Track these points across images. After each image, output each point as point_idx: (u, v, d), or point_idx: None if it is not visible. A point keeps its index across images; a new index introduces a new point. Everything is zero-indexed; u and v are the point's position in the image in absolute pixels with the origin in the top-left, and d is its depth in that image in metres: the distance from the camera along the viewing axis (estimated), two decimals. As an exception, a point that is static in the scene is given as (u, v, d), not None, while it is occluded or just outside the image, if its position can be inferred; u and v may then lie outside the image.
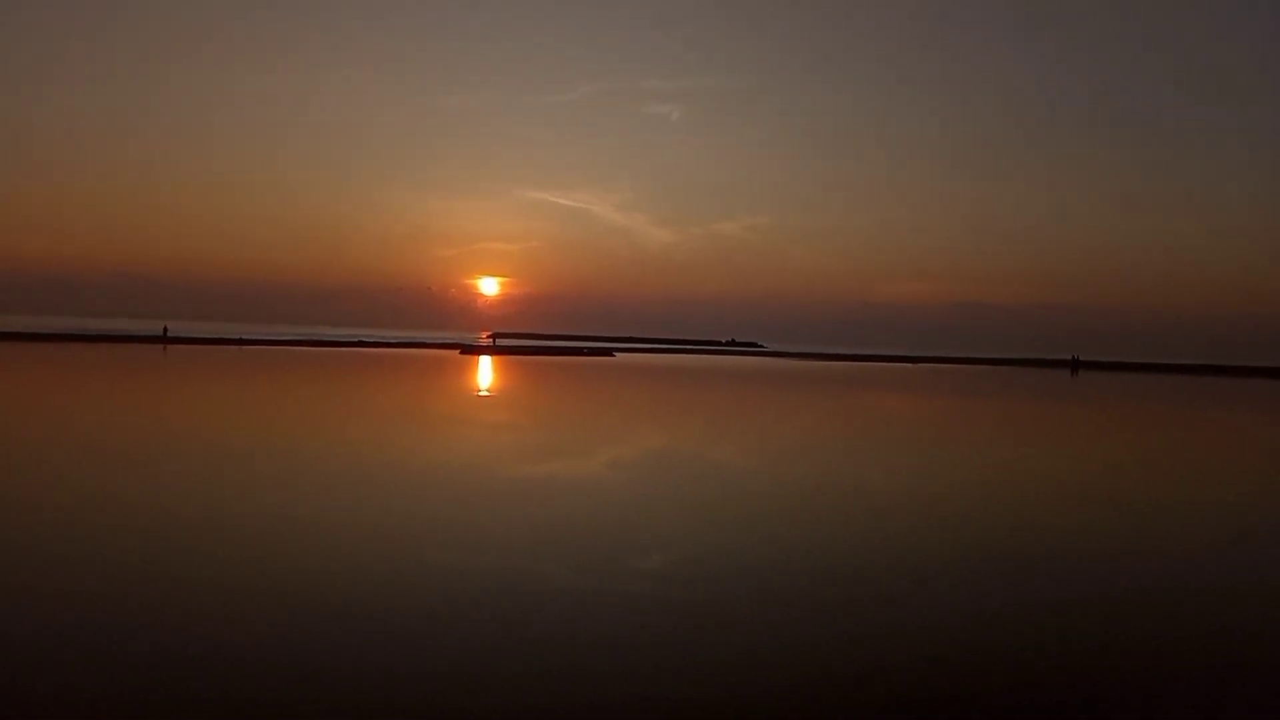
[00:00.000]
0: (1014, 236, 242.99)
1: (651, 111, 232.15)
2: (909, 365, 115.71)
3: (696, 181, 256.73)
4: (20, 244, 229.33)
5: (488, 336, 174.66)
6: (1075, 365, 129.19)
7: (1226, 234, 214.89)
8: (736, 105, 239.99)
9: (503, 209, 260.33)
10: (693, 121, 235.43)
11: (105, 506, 13.14)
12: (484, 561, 10.68)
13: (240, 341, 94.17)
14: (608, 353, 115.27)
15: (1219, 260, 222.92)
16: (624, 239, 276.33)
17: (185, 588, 9.21)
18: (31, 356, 55.78)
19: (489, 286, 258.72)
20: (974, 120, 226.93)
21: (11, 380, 39.00)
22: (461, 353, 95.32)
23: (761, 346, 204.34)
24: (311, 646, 7.62)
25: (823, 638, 8.35)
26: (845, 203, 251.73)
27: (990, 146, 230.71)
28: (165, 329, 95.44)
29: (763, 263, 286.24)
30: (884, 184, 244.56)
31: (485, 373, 60.47)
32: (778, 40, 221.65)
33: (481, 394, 42.25)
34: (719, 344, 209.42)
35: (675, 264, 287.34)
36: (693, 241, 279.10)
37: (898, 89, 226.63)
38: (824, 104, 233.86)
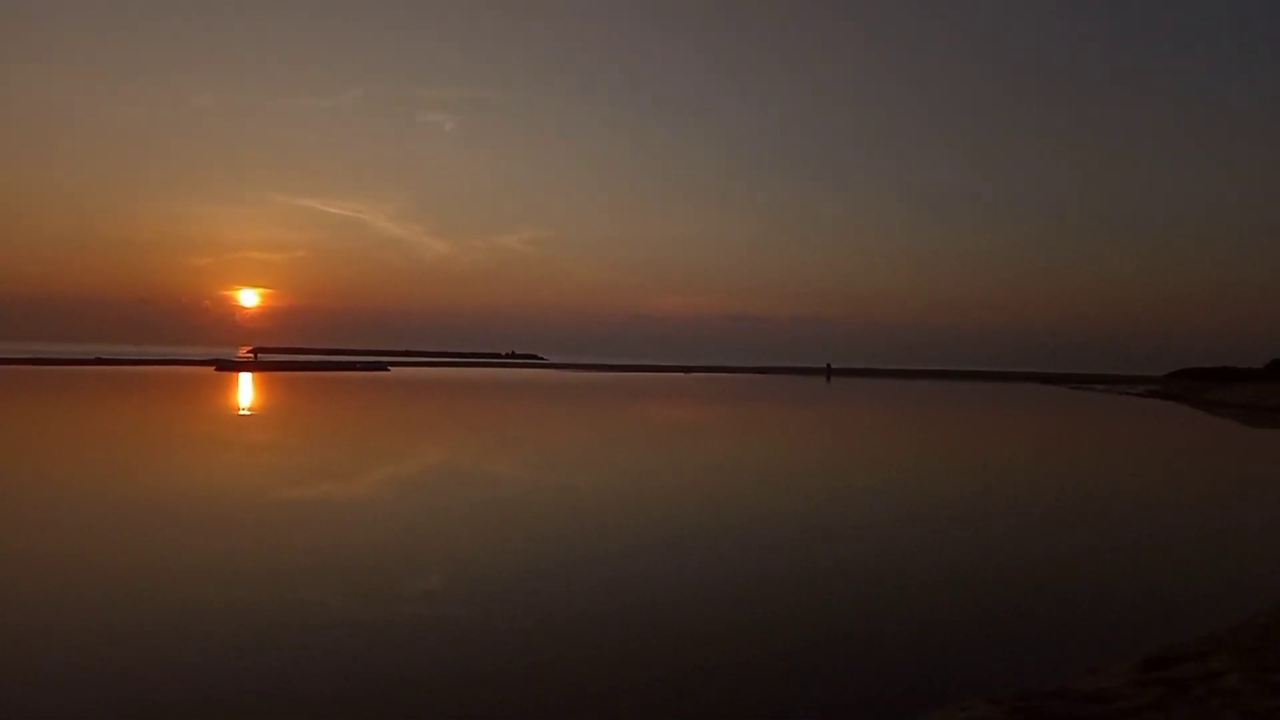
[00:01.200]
0: (773, 251, 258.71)
1: (425, 120, 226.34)
2: (682, 375, 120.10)
3: (474, 193, 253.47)
4: None
5: (248, 351, 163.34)
6: (829, 372, 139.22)
7: (963, 251, 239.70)
8: (512, 117, 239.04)
9: (264, 216, 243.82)
10: (468, 131, 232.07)
11: None
12: (249, 594, 9.86)
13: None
14: (382, 367, 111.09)
15: (956, 274, 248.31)
16: (398, 250, 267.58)
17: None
18: None
19: (249, 298, 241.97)
20: (730, 143, 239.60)
21: None
22: (218, 369, 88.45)
23: (542, 358, 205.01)
24: (52, 693, 6.69)
25: (603, 646, 8.35)
26: (620, 217, 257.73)
27: (751, 164, 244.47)
28: None
29: (542, 275, 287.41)
30: (654, 199, 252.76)
31: (246, 391, 56.49)
32: (551, 53, 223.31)
33: (242, 413, 39.36)
34: (499, 356, 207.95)
35: (453, 276, 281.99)
36: (471, 254, 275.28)
37: (666, 106, 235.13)
38: (598, 119, 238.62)
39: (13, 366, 79.36)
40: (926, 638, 8.88)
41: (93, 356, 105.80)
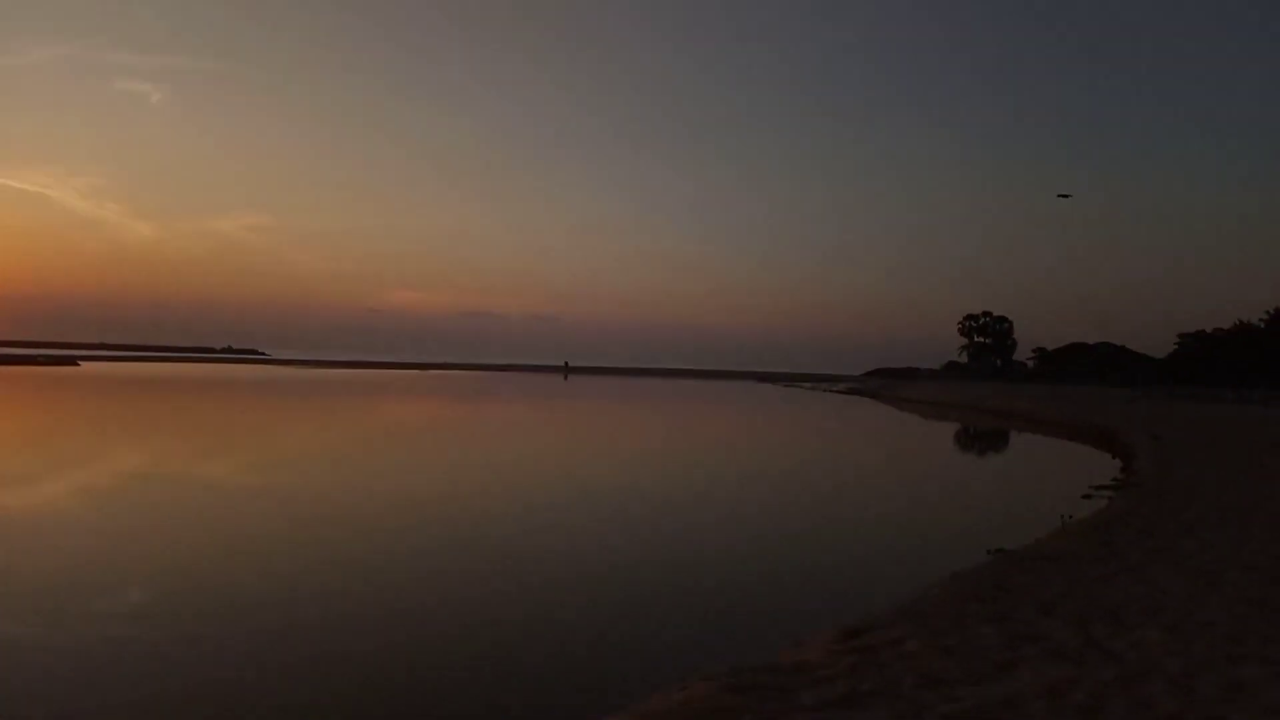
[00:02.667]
0: (512, 248, 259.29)
1: (125, 88, 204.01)
2: (418, 372, 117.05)
3: (185, 172, 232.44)
4: None
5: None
6: (567, 370, 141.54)
7: (693, 256, 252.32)
8: (230, 91, 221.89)
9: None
10: (178, 104, 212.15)
11: None
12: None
13: None
14: (72, 361, 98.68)
15: (687, 277, 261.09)
16: (94, 231, 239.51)
17: None
18: None
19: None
20: (475, 135, 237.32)
21: None
22: None
23: (264, 354, 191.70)
24: None
25: (303, 658, 7.90)
26: (350, 206, 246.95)
27: (492, 159, 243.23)
28: None
29: (263, 265, 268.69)
30: (389, 188, 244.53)
31: (-109, 388, 48.06)
32: (277, 24, 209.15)
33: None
34: (214, 351, 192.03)
35: (160, 262, 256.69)
36: (181, 239, 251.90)
37: (406, 90, 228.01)
38: (329, 98, 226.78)
39: None
40: (644, 622, 9.19)
41: None
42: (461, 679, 7.51)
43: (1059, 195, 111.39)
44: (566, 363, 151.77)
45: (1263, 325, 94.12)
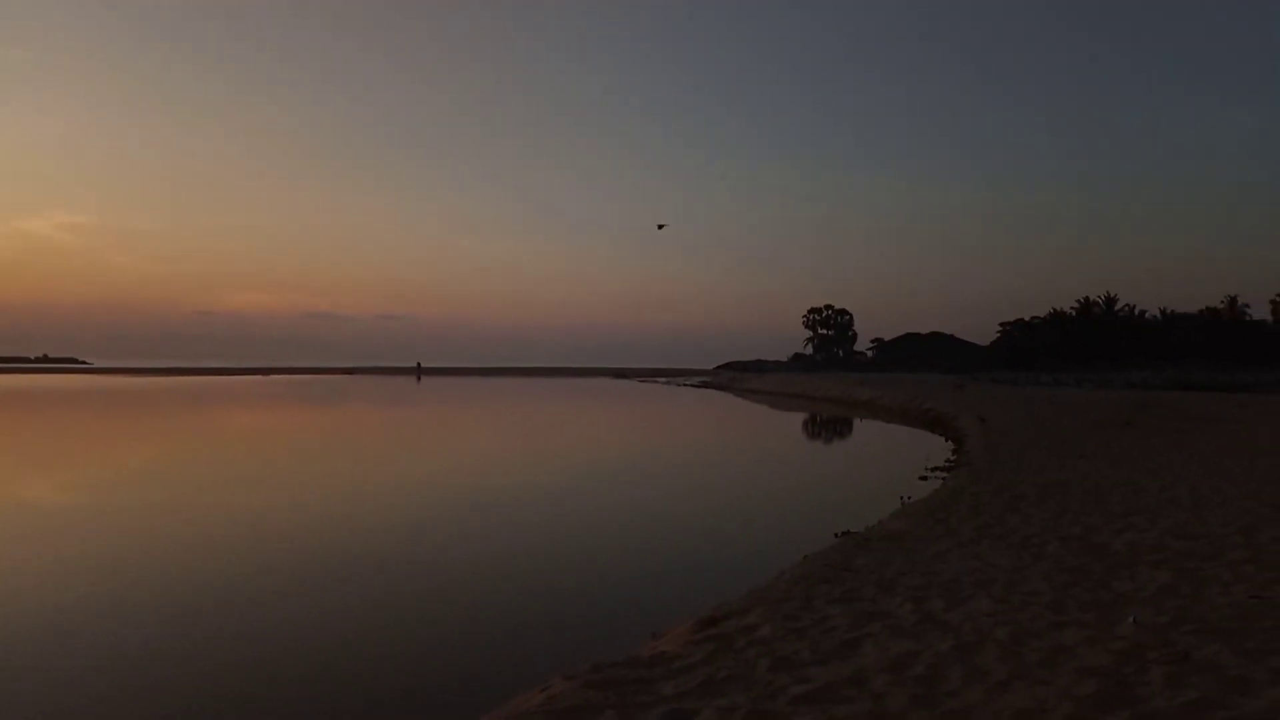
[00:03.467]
0: (358, 247, 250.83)
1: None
2: (259, 377, 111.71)
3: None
4: None
5: None
6: (420, 371, 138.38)
7: (544, 253, 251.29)
8: (39, 77, 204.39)
9: None
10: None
11: None
12: None
13: None
14: None
15: (539, 276, 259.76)
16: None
17: None
18: None
19: None
20: (315, 122, 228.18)
21: None
22: None
23: (84, 362, 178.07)
24: None
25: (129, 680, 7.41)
26: (176, 203, 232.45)
27: (334, 151, 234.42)
28: None
29: (81, 267, 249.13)
30: (218, 184, 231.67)
31: None
32: (94, 11, 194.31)
33: None
34: (29, 360, 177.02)
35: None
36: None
37: (235, 76, 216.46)
38: (154, 88, 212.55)
39: None
40: (503, 626, 9.09)
41: None
42: (321, 690, 7.20)
43: (658, 226, 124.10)
44: (419, 364, 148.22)
45: (1074, 313, 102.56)
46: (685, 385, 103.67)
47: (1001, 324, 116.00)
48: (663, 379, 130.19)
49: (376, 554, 12.55)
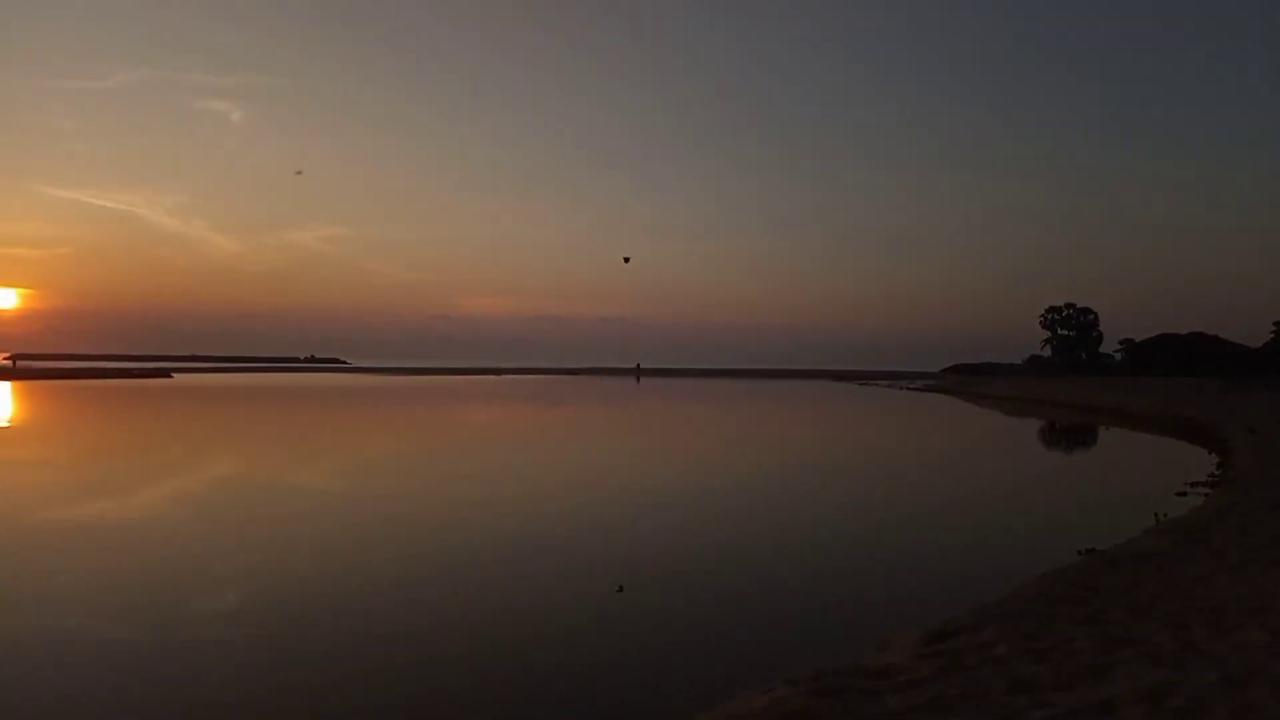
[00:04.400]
0: (580, 252, 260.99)
1: (206, 107, 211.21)
2: (494, 377, 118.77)
3: (264, 187, 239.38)
4: None
5: (5, 359, 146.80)
6: (639, 372, 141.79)
7: (760, 254, 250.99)
8: (305, 108, 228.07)
9: (20, 209, 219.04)
10: (257, 122, 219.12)
11: None
12: (14, 621, 8.84)
13: None
14: (164, 374, 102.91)
15: (755, 276, 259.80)
16: (180, 247, 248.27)
17: None
18: None
19: (5, 299, 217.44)
20: (542, 142, 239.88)
21: None
22: (-32, 379, 79.00)
23: (345, 363, 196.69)
24: None
25: (407, 664, 8.11)
26: (421, 214, 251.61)
27: (560, 169, 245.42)
28: None
29: (340, 275, 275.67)
30: (460, 197, 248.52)
31: (3, 402, 50.77)
32: (345, 41, 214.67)
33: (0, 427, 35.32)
34: (297, 361, 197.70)
35: (243, 275, 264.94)
36: (262, 251, 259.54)
37: (472, 100, 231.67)
38: (398, 111, 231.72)
39: None
40: (727, 622, 9.20)
41: None
42: (544, 677, 7.63)
43: (624, 259, 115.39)
44: (639, 365, 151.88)
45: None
46: (908, 389, 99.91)
47: (1276, 323, 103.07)
48: (884, 382, 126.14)
49: (603, 548, 13.07)
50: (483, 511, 16.26)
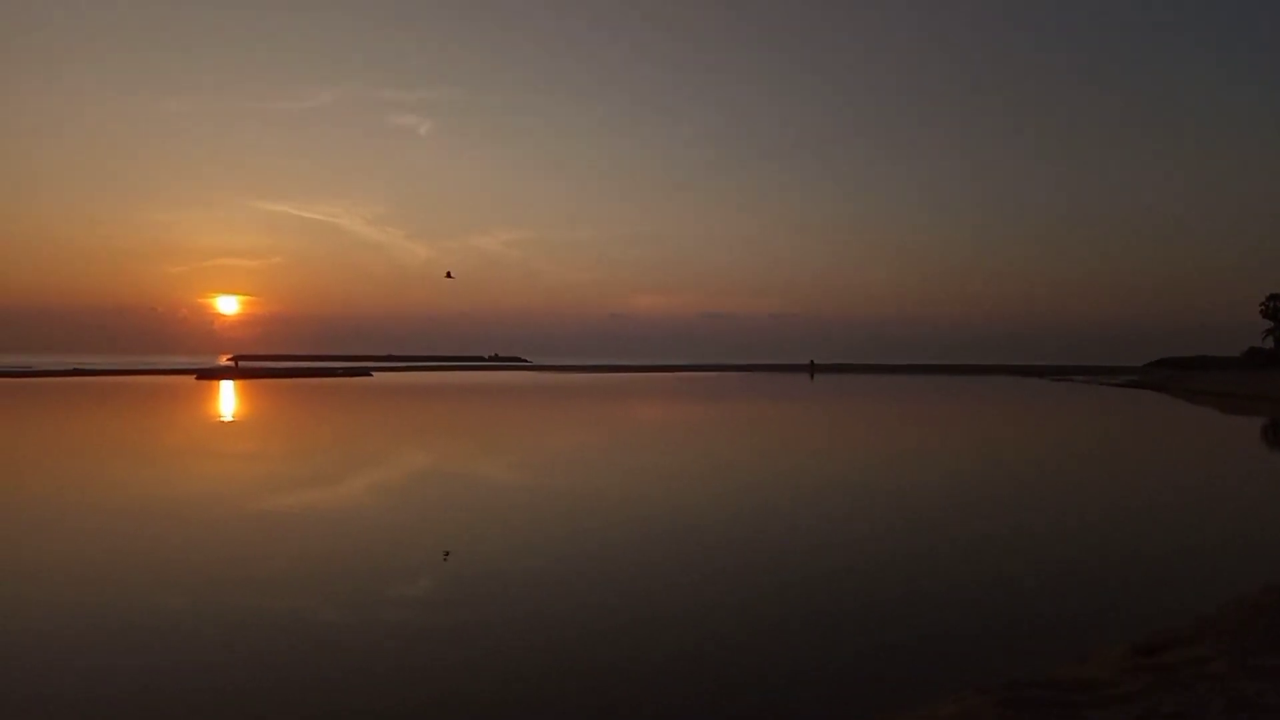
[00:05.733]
0: (751, 248, 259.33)
1: (398, 122, 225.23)
2: (665, 374, 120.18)
3: (451, 195, 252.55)
4: None
5: (229, 359, 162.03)
6: (813, 369, 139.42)
7: (941, 245, 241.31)
8: (487, 118, 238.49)
9: (239, 222, 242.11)
10: (443, 133, 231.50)
11: None
12: (233, 604, 9.78)
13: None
14: (365, 373, 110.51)
15: (934, 269, 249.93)
16: (377, 254, 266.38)
17: None
18: None
19: (227, 306, 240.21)
20: (713, 139, 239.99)
21: None
22: (199, 378, 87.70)
23: (525, 361, 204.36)
24: (39, 695, 6.61)
25: (595, 656, 8.34)
26: (597, 216, 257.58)
27: (730, 165, 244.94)
28: None
29: (521, 276, 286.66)
30: (632, 198, 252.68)
31: (228, 399, 56.05)
32: (525, 53, 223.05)
33: (225, 422, 39.04)
34: (482, 359, 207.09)
35: (433, 279, 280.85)
36: (449, 256, 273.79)
37: (644, 105, 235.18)
38: (573, 117, 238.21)
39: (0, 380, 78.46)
40: (921, 628, 8.90)
41: (70, 368, 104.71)
42: (736, 677, 7.65)
43: (447, 274, 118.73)
44: (812, 361, 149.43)
45: None
46: (1108, 385, 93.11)
47: None
48: (1080, 377, 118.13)
49: (792, 545, 12.97)
50: (663, 506, 16.49)
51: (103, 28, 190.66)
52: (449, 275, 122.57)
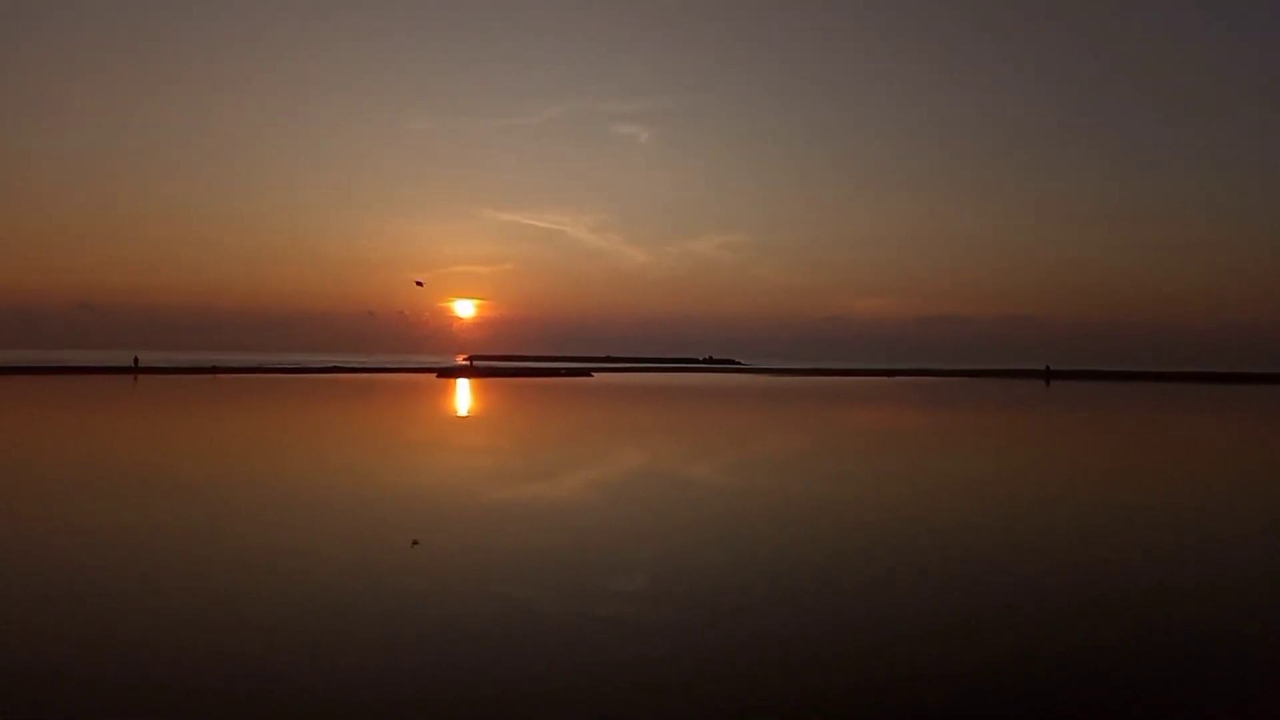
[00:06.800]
0: (976, 247, 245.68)
1: (619, 132, 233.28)
2: (885, 379, 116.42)
3: (668, 201, 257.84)
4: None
5: (465, 359, 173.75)
6: (1048, 375, 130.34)
7: (1192, 246, 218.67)
8: (702, 124, 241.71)
9: (474, 232, 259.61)
10: (661, 141, 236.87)
11: (82, 536, 12.85)
12: (460, 586, 10.52)
13: (213, 370, 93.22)
14: (586, 373, 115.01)
15: (1188, 271, 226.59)
16: (599, 260, 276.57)
17: (171, 621, 8.99)
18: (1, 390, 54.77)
19: (463, 309, 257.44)
20: (937, 134, 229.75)
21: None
22: (438, 376, 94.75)
23: (739, 363, 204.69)
24: (291, 674, 7.45)
25: (807, 656, 8.25)
26: (814, 218, 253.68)
27: (957, 160, 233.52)
28: (136, 359, 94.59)
29: (735, 279, 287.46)
30: (850, 199, 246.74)
31: (463, 396, 60.11)
32: (738, 58, 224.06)
33: (460, 417, 41.97)
34: (697, 361, 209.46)
35: (650, 283, 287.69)
36: (666, 260, 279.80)
37: (860, 104, 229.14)
38: (787, 121, 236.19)
39: (272, 375, 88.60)
40: (1177, 650, 8.16)
41: (330, 365, 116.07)
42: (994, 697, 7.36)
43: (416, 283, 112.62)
44: (1048, 367, 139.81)
45: None
46: None
47: None
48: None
49: (1039, 573, 12.27)
50: (875, 516, 16.04)
51: (352, 59, 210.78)
52: (419, 284, 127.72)
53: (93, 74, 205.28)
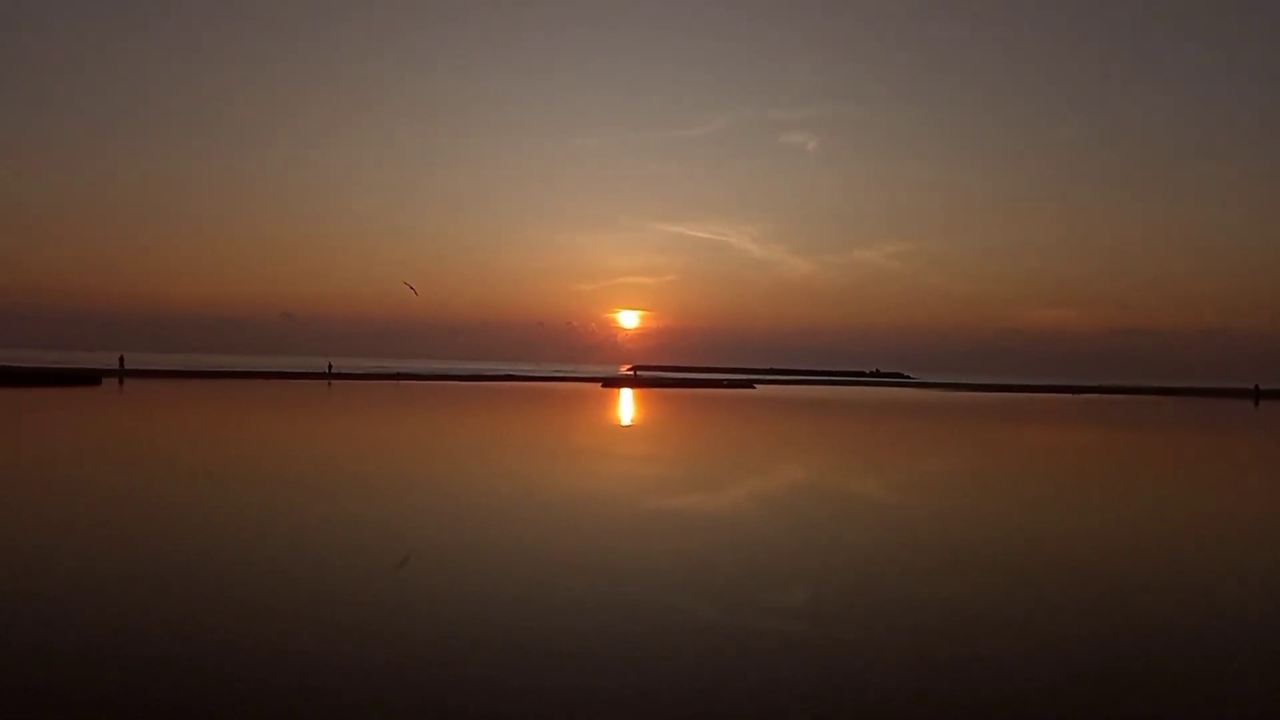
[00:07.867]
0: (1170, 254, 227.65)
1: (786, 141, 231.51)
2: (1068, 396, 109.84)
3: (834, 210, 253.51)
4: (193, 288, 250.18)
5: (629, 369, 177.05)
6: (1258, 394, 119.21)
7: None
8: (869, 132, 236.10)
9: (639, 243, 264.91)
10: (827, 150, 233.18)
11: (280, 528, 14.18)
12: (621, 593, 10.88)
13: (398, 376, 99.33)
14: (748, 385, 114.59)
15: None
16: (762, 270, 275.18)
17: (370, 611, 9.83)
18: (214, 392, 60.58)
19: (628, 320, 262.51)
20: (1124, 139, 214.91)
21: (196, 414, 42.44)
22: (604, 386, 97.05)
23: (907, 377, 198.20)
24: (458, 669, 8.00)
25: (973, 681, 8.09)
26: (988, 226, 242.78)
27: (1138, 159, 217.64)
28: (330, 365, 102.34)
29: (905, 290, 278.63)
30: (1029, 207, 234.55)
31: (627, 405, 61.33)
32: (907, 63, 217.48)
33: (624, 426, 42.91)
34: (863, 374, 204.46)
35: (815, 294, 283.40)
36: (832, 271, 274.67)
37: (1040, 107, 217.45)
38: (956, 127, 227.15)
39: (451, 382, 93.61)
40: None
41: (503, 373, 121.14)
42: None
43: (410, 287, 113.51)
44: (1257, 385, 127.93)
45: None
46: None
47: None
48: None
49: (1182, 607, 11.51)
50: (1069, 545, 15.33)
51: (523, 82, 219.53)
52: (412, 289, 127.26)
53: (299, 107, 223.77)
